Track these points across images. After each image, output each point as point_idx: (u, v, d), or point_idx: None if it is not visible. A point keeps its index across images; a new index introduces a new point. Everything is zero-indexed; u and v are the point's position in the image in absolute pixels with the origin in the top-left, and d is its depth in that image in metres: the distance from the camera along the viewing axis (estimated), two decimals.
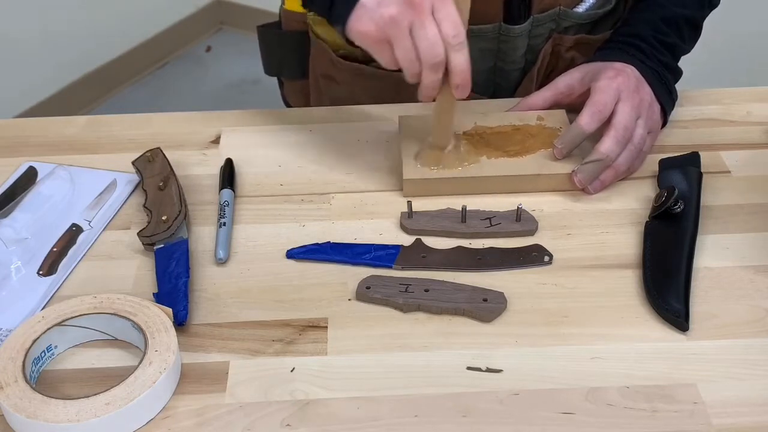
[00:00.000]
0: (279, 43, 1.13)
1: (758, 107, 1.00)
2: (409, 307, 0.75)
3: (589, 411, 0.66)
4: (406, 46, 0.77)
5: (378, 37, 0.78)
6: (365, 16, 0.78)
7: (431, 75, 0.78)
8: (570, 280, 0.78)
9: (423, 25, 0.75)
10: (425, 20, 0.75)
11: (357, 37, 0.79)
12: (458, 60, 0.77)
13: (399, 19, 0.76)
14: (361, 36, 0.79)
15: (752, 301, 0.75)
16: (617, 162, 0.86)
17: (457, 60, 0.77)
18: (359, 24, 0.78)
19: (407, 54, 0.77)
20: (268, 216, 0.86)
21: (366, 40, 0.79)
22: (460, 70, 0.78)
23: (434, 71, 0.78)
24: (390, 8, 0.76)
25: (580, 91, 0.92)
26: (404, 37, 0.76)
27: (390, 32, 0.77)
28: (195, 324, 0.75)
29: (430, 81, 0.79)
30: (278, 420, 0.66)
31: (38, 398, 0.65)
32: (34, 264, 0.81)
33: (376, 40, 0.78)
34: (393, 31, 0.76)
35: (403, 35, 0.76)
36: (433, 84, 0.79)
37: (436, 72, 0.78)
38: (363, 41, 0.79)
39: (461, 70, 0.78)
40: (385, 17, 0.76)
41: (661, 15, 0.97)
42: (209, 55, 3.02)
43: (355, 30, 0.79)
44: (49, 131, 1.00)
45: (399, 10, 0.75)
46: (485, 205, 0.86)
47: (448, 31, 0.76)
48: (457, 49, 0.77)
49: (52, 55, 2.57)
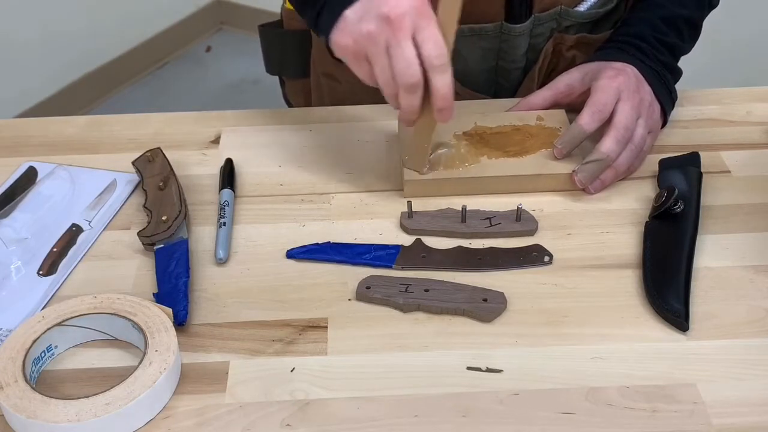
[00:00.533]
0: (280, 42, 1.13)
1: (758, 107, 1.00)
2: (409, 307, 0.75)
3: (589, 411, 0.66)
4: (383, 65, 0.75)
5: (355, 52, 0.76)
6: (345, 29, 0.77)
7: (407, 97, 0.76)
8: (570, 280, 0.78)
9: (399, 44, 0.73)
10: (402, 40, 0.73)
11: (337, 49, 0.79)
12: (441, 82, 0.74)
13: (376, 37, 0.74)
14: (339, 49, 0.78)
15: (752, 301, 0.75)
16: (617, 162, 0.86)
17: (439, 82, 0.75)
18: (339, 37, 0.77)
19: (384, 73, 0.75)
20: (268, 216, 0.86)
21: (344, 54, 0.78)
22: (442, 93, 0.75)
23: (410, 93, 0.75)
24: (369, 24, 0.74)
25: (580, 90, 0.92)
26: (381, 55, 0.74)
27: (367, 48, 0.75)
28: (195, 324, 0.75)
29: (407, 103, 0.76)
30: (278, 420, 0.66)
31: (38, 398, 0.65)
32: (34, 264, 0.81)
33: (354, 55, 0.77)
34: (370, 48, 0.75)
35: (379, 53, 0.74)
36: (411, 107, 0.77)
37: (412, 93, 0.75)
38: (341, 54, 0.79)
39: (444, 93, 0.75)
40: (363, 33, 0.74)
41: (660, 15, 0.97)
42: (209, 55, 3.02)
43: (335, 42, 0.78)
44: (49, 131, 1.00)
45: (377, 27, 0.73)
46: (485, 205, 0.86)
47: (430, 51, 0.73)
48: (439, 71, 0.74)
49: (52, 55, 2.57)
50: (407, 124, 0.80)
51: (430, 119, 0.79)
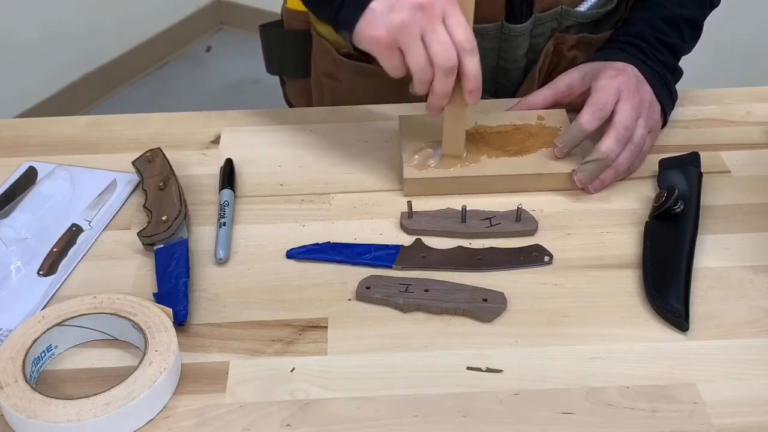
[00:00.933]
0: (281, 42, 1.13)
1: (758, 107, 1.00)
2: (409, 307, 0.75)
3: (589, 411, 0.66)
4: (419, 52, 0.76)
5: (388, 43, 0.77)
6: (376, 21, 0.77)
7: (444, 80, 0.78)
8: (570, 280, 0.78)
9: (435, 30, 0.76)
10: (437, 25, 0.76)
11: (367, 42, 0.79)
12: (471, 64, 0.78)
13: (410, 25, 0.76)
14: (371, 41, 0.78)
15: (752, 301, 0.75)
16: (617, 161, 0.86)
17: (470, 64, 0.77)
18: (370, 29, 0.78)
19: (419, 59, 0.77)
20: (268, 216, 0.86)
21: (376, 46, 0.79)
22: (473, 74, 0.78)
23: (447, 76, 0.78)
24: (401, 13, 0.76)
25: (580, 90, 0.92)
26: (416, 43, 0.76)
27: (401, 38, 0.76)
28: (195, 324, 0.75)
29: (442, 88, 0.79)
30: (278, 420, 0.66)
31: (38, 398, 0.65)
32: (34, 264, 0.81)
33: (387, 46, 0.78)
34: (404, 36, 0.76)
35: (414, 41, 0.76)
36: (445, 91, 0.79)
37: (449, 77, 0.78)
38: (372, 47, 0.79)
39: (474, 74, 0.78)
40: (396, 22, 0.76)
41: (661, 15, 0.97)
42: (209, 55, 3.01)
43: (365, 35, 0.78)
44: (49, 131, 1.00)
45: (410, 16, 0.75)
46: (485, 205, 0.86)
47: (461, 36, 0.76)
48: (470, 54, 0.77)
49: (52, 55, 2.57)
50: (435, 112, 0.82)
51: (460, 103, 0.82)
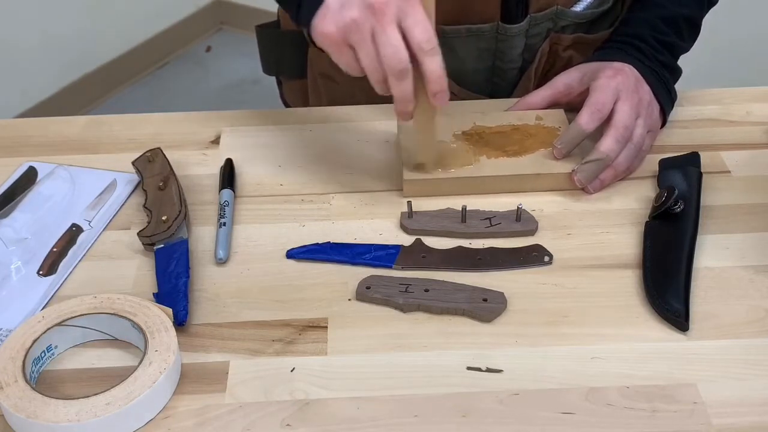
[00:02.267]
0: (277, 42, 1.13)
1: (758, 107, 1.00)
2: (409, 307, 0.75)
3: (589, 411, 0.66)
4: (369, 52, 0.74)
5: (339, 40, 0.75)
6: (328, 16, 0.75)
7: (399, 84, 0.75)
8: (570, 280, 0.78)
9: (384, 31, 0.72)
10: (387, 26, 0.72)
11: (319, 38, 0.77)
12: (432, 65, 0.74)
13: (360, 24, 0.73)
14: (322, 37, 0.76)
15: (752, 301, 0.75)
16: (617, 161, 0.86)
17: (431, 65, 0.74)
18: (321, 24, 0.76)
19: (370, 60, 0.74)
20: (268, 216, 0.86)
21: (326, 42, 0.76)
22: (436, 76, 0.75)
23: (400, 79, 0.75)
24: (352, 11, 0.73)
25: (578, 90, 0.92)
26: (366, 42, 0.74)
27: (351, 36, 0.74)
28: (195, 324, 0.75)
29: (399, 91, 0.76)
30: (278, 420, 0.66)
31: (38, 398, 0.65)
32: (34, 264, 0.81)
33: (337, 43, 0.75)
34: (354, 35, 0.74)
35: (364, 40, 0.74)
36: (404, 95, 0.76)
37: (402, 79, 0.75)
38: (324, 43, 0.77)
39: (437, 75, 0.75)
40: (347, 20, 0.73)
41: (659, 14, 0.97)
42: (209, 55, 3.02)
43: (317, 30, 0.76)
44: (49, 131, 1.00)
45: (360, 14, 0.73)
46: (485, 205, 0.86)
47: (420, 36, 0.73)
48: (430, 54, 0.74)
49: (52, 56, 2.58)
50: (404, 117, 0.79)
51: (427, 107, 0.79)
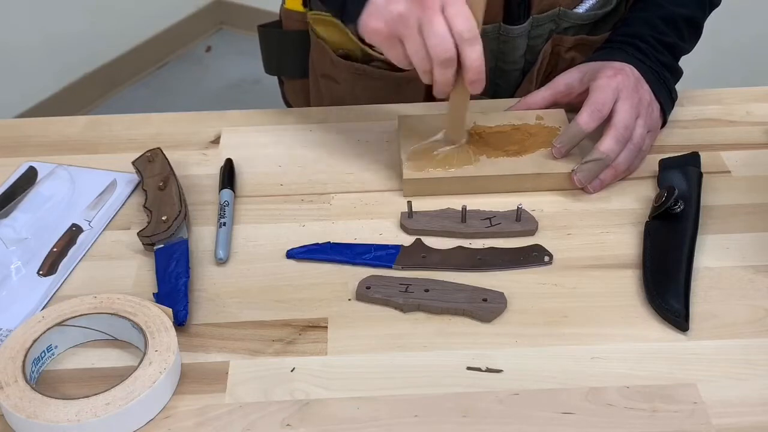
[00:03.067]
0: (279, 42, 1.13)
1: (758, 107, 1.00)
2: (409, 307, 0.75)
3: (589, 411, 0.66)
4: (416, 43, 0.77)
5: (388, 34, 0.78)
6: (375, 13, 0.79)
7: (442, 71, 0.78)
8: (570, 280, 0.78)
9: (431, 21, 0.76)
10: (433, 17, 0.76)
11: (368, 34, 0.80)
12: (472, 55, 0.77)
13: (407, 16, 0.76)
14: (371, 33, 0.80)
15: (752, 301, 0.75)
16: (617, 161, 0.86)
17: (470, 55, 0.77)
18: (370, 21, 0.79)
19: (417, 51, 0.78)
20: (268, 216, 0.86)
21: (377, 38, 0.80)
22: (475, 65, 0.78)
23: (445, 67, 0.78)
24: (399, 5, 0.77)
25: (579, 90, 0.92)
26: (413, 34, 0.77)
27: (399, 29, 0.77)
28: (195, 324, 0.75)
29: (442, 78, 0.79)
30: (278, 420, 0.66)
31: (38, 398, 0.65)
32: (34, 264, 0.81)
33: (386, 38, 0.79)
34: (402, 28, 0.77)
35: (411, 32, 0.77)
36: (446, 81, 0.79)
37: (447, 68, 0.78)
38: (374, 38, 0.80)
39: (476, 65, 0.78)
40: (394, 14, 0.77)
41: (660, 15, 0.97)
42: (209, 55, 3.01)
43: (366, 27, 0.80)
44: (49, 131, 1.00)
45: (407, 7, 0.76)
46: (485, 205, 0.86)
47: (461, 26, 0.76)
48: (470, 44, 0.77)
49: (52, 56, 2.57)
50: (441, 95, 0.82)
51: (463, 91, 0.82)
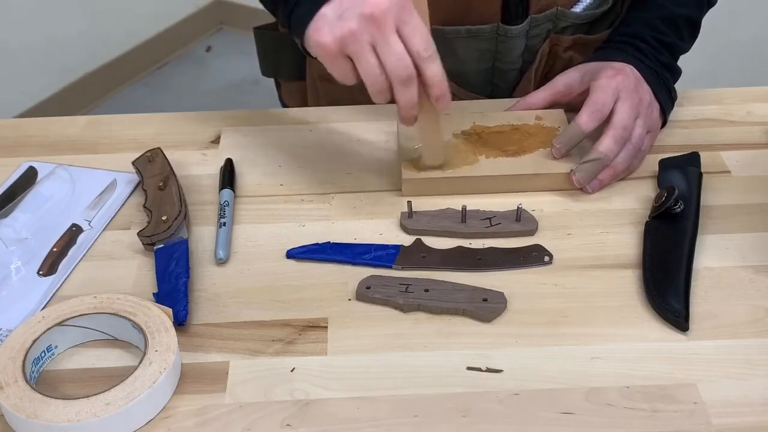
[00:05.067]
0: (276, 44, 1.13)
1: (758, 107, 1.00)
2: (409, 307, 0.75)
3: (589, 411, 0.66)
4: (370, 62, 0.73)
5: (335, 51, 0.74)
6: (324, 27, 0.74)
7: (404, 90, 0.75)
8: (570, 280, 0.78)
9: (387, 41, 0.72)
10: (390, 36, 0.72)
11: (314, 47, 0.76)
12: (432, 71, 0.74)
13: (359, 35, 0.72)
14: (318, 48, 0.75)
15: (752, 301, 0.75)
16: (616, 161, 0.86)
17: (431, 71, 0.74)
18: (318, 34, 0.74)
19: (371, 70, 0.74)
20: (268, 216, 0.86)
21: (322, 53, 0.75)
22: (437, 81, 0.75)
23: (406, 86, 0.75)
24: (350, 23, 0.72)
25: (578, 90, 0.92)
26: (366, 53, 0.73)
27: (349, 47, 0.73)
28: (195, 324, 0.75)
29: (405, 98, 0.76)
30: (278, 420, 0.66)
31: (38, 398, 0.65)
32: (34, 264, 0.81)
33: (333, 54, 0.74)
34: (353, 46, 0.73)
35: (364, 51, 0.73)
36: (410, 101, 0.76)
37: (408, 86, 0.75)
38: (319, 53, 0.76)
39: (438, 80, 0.75)
40: (345, 31, 0.73)
41: (659, 14, 0.97)
42: (209, 55, 3.02)
43: (312, 40, 0.75)
44: (49, 131, 1.00)
45: (359, 26, 0.72)
46: (485, 205, 0.86)
47: (418, 45, 0.73)
48: (429, 61, 0.74)
49: (52, 56, 2.57)
50: (409, 123, 0.79)
51: (430, 112, 0.80)
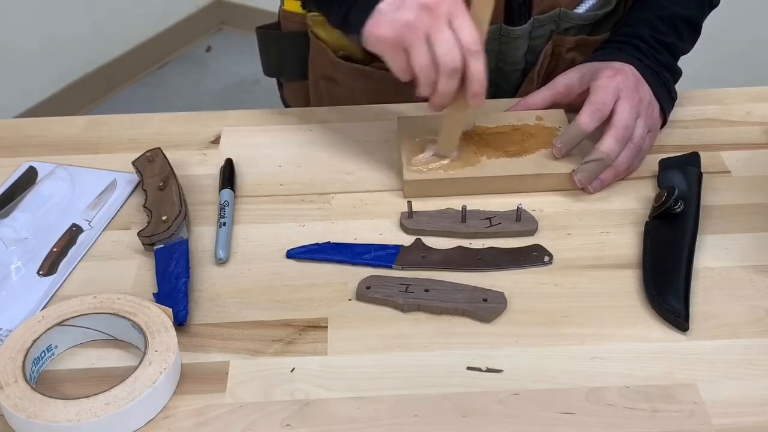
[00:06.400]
0: (278, 44, 1.13)
1: (758, 107, 1.00)
2: (409, 307, 0.75)
3: (589, 411, 0.66)
4: (423, 52, 0.76)
5: (394, 42, 0.77)
6: (382, 20, 0.78)
7: (447, 82, 0.78)
8: (570, 280, 0.78)
9: (440, 30, 0.76)
10: (442, 26, 0.76)
11: (374, 42, 0.79)
12: (477, 66, 0.77)
13: (416, 24, 0.76)
14: (377, 41, 0.79)
15: (752, 301, 0.75)
16: (617, 161, 0.86)
17: (475, 67, 0.77)
18: (376, 29, 0.78)
19: (423, 60, 0.77)
20: (268, 216, 0.86)
21: (382, 46, 0.79)
22: (478, 77, 0.78)
23: (450, 77, 0.77)
24: (407, 13, 0.76)
25: (578, 90, 0.92)
26: (421, 43, 0.76)
27: (407, 37, 0.77)
28: (195, 324, 0.75)
29: (445, 89, 0.78)
30: (278, 420, 0.66)
31: (38, 398, 0.65)
32: (34, 264, 0.81)
33: (393, 45, 0.78)
34: (410, 36, 0.76)
35: (419, 40, 0.76)
36: (448, 92, 0.79)
37: (452, 78, 0.77)
38: (379, 46, 0.79)
39: (479, 78, 0.78)
40: (402, 22, 0.76)
41: (659, 15, 0.97)
42: (209, 55, 3.02)
43: (372, 35, 0.79)
44: (49, 131, 1.00)
45: (416, 15, 0.76)
46: (485, 205, 0.86)
47: (467, 38, 0.76)
48: (475, 57, 0.77)
49: (52, 56, 2.57)
50: (437, 109, 0.81)
51: (462, 106, 0.82)
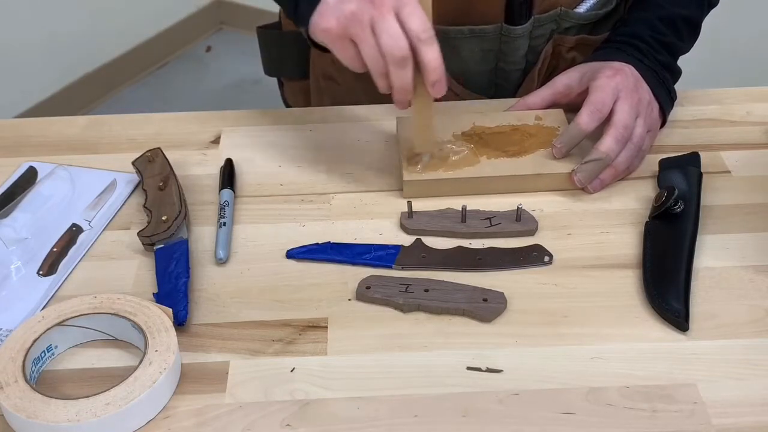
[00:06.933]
0: (279, 43, 1.13)
1: (758, 107, 1.00)
2: (409, 307, 0.75)
3: (589, 411, 0.66)
4: (369, 43, 0.75)
5: (339, 34, 0.77)
6: (327, 12, 0.77)
7: (398, 72, 0.76)
8: (570, 280, 0.78)
9: (384, 19, 0.74)
10: (386, 15, 0.74)
11: (319, 33, 0.79)
12: (430, 55, 0.75)
13: (359, 15, 0.75)
14: (323, 33, 0.78)
15: (752, 301, 0.75)
16: (617, 161, 0.86)
17: (428, 55, 0.75)
18: (321, 20, 0.78)
19: (371, 50, 0.76)
20: (268, 216, 0.86)
21: (327, 37, 0.78)
22: (433, 65, 0.76)
23: (400, 67, 0.76)
24: (351, 4, 0.75)
25: (578, 90, 0.92)
26: (366, 34, 0.75)
27: (351, 28, 0.76)
28: (195, 324, 0.75)
29: (399, 80, 0.77)
30: (278, 420, 0.66)
31: (38, 398, 0.65)
32: (34, 264, 0.81)
33: (338, 37, 0.77)
34: (354, 27, 0.75)
35: (364, 31, 0.75)
36: (403, 84, 0.77)
37: (402, 68, 0.76)
38: (325, 38, 0.79)
39: (435, 65, 0.76)
40: (346, 13, 0.75)
41: (658, 15, 0.97)
42: (209, 55, 3.02)
43: (317, 27, 0.78)
44: (49, 131, 1.00)
45: (360, 6, 0.75)
46: (485, 205, 0.86)
47: (416, 26, 0.75)
48: (427, 44, 0.75)
49: (52, 56, 2.57)
50: (402, 106, 0.80)
51: (425, 97, 0.80)
